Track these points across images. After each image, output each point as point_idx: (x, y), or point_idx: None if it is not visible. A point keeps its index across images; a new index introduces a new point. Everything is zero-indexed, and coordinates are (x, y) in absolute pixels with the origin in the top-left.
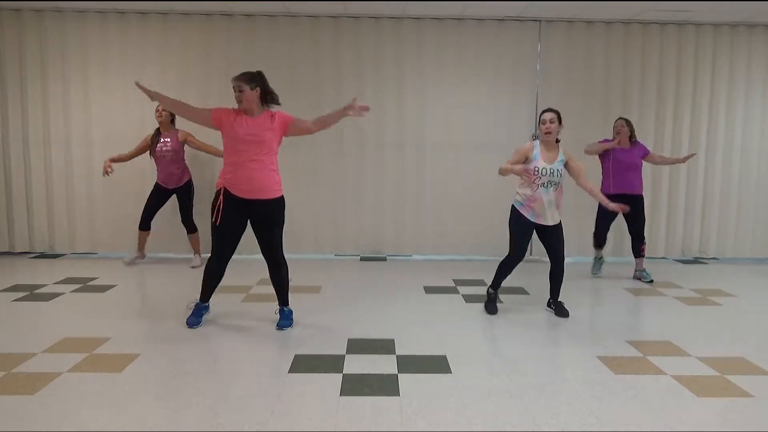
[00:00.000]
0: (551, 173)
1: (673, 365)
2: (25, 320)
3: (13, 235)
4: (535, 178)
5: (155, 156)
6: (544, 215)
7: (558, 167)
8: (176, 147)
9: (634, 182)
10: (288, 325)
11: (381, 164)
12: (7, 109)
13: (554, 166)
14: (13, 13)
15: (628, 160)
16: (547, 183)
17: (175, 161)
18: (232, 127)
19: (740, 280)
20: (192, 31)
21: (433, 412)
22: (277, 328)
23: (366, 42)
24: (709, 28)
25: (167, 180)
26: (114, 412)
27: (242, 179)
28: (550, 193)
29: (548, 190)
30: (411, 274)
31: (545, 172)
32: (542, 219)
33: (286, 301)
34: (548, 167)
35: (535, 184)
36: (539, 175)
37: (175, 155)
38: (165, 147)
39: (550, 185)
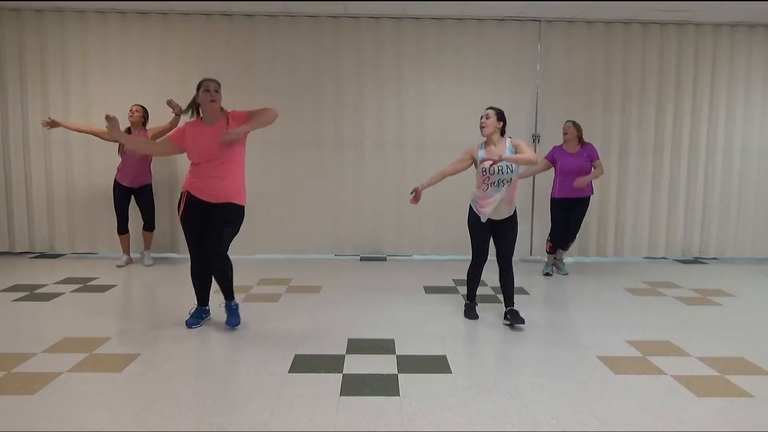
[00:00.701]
0: (500, 171)
1: (673, 365)
2: (25, 320)
3: (13, 235)
4: (484, 178)
5: (124, 154)
6: (493, 214)
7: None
8: None
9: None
10: (237, 323)
11: (381, 164)
12: (7, 109)
13: (502, 163)
14: (13, 13)
15: (573, 165)
16: (498, 182)
17: (143, 161)
18: (194, 140)
19: (740, 280)
20: (192, 31)
21: (433, 412)
22: (230, 326)
23: (366, 42)
24: (709, 28)
25: (131, 179)
26: (114, 412)
27: (206, 185)
28: (503, 192)
29: (500, 188)
30: (411, 274)
31: (493, 171)
32: (492, 216)
33: (231, 295)
34: (495, 166)
35: (485, 184)
36: (488, 174)
37: (143, 156)
38: None
39: (502, 183)
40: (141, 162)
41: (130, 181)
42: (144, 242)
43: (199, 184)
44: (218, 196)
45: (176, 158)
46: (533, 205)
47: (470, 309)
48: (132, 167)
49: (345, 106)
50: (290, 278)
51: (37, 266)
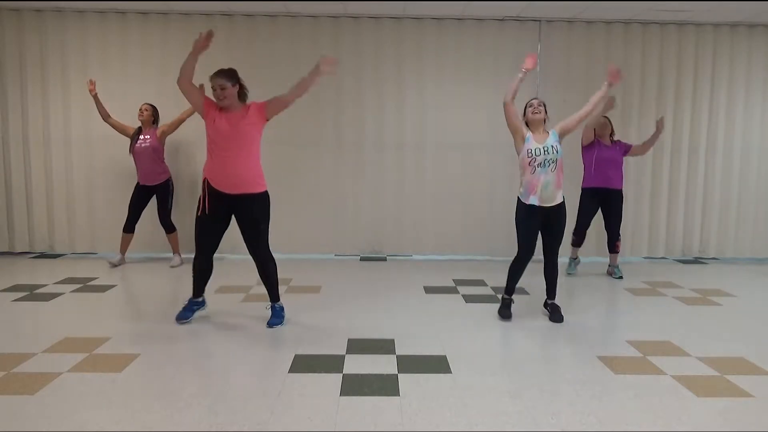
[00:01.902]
0: (545, 151)
1: (673, 365)
2: (25, 320)
3: (13, 235)
4: (530, 160)
5: (134, 153)
6: (543, 197)
7: (551, 143)
8: (155, 144)
9: (612, 177)
10: (279, 323)
11: (381, 164)
12: (7, 109)
13: (547, 143)
14: (13, 13)
15: (608, 156)
16: (544, 162)
17: (154, 158)
18: (214, 121)
19: (740, 280)
20: (192, 31)
21: (433, 412)
22: (268, 325)
23: (366, 42)
24: (709, 28)
25: (146, 177)
26: (114, 412)
27: (223, 173)
28: (548, 173)
29: (545, 169)
30: (411, 274)
31: (539, 152)
32: (543, 201)
33: (276, 297)
34: (540, 146)
35: (531, 166)
36: (533, 156)
37: (154, 152)
38: (144, 143)
39: (547, 164)
40: (152, 158)
41: (146, 180)
42: (171, 245)
43: (216, 169)
44: (236, 185)
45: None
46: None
47: (506, 307)
48: (144, 163)
49: (345, 106)
50: (290, 278)
51: (37, 266)
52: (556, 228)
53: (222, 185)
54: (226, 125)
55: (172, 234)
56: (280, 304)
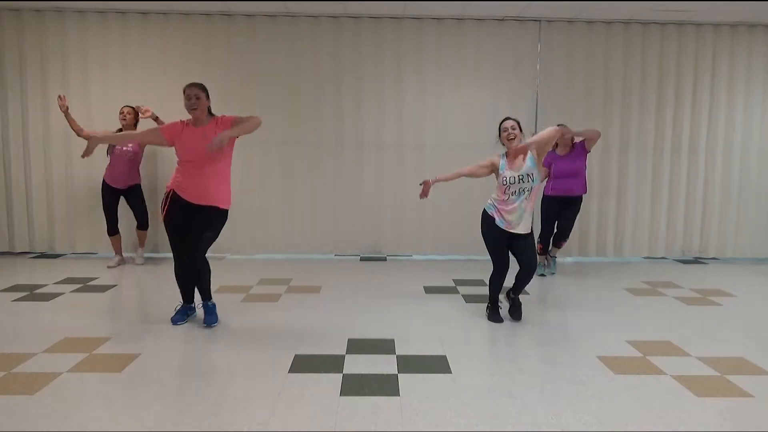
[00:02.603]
0: (521, 180)
1: (673, 365)
2: (25, 320)
3: (13, 235)
4: (504, 188)
5: (112, 154)
6: (512, 223)
7: (528, 171)
8: (136, 150)
9: (573, 186)
10: (215, 321)
11: (381, 164)
12: (7, 109)
13: (523, 171)
14: (13, 13)
15: (567, 167)
16: (519, 190)
17: (132, 165)
18: (182, 138)
19: (740, 280)
20: (192, 31)
21: (433, 412)
22: (205, 324)
23: (366, 42)
24: (709, 28)
25: (119, 180)
26: (114, 412)
27: (191, 185)
28: (523, 201)
29: (520, 198)
30: (411, 274)
31: (513, 180)
32: (511, 226)
33: (208, 295)
34: (516, 175)
35: (506, 194)
36: (508, 184)
37: (133, 157)
38: (125, 148)
39: (522, 192)
40: (130, 163)
41: (119, 183)
42: (138, 240)
43: (185, 184)
44: (203, 198)
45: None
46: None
47: (494, 313)
48: (121, 167)
49: (345, 106)
50: (290, 278)
51: (37, 266)
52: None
53: (190, 197)
54: (194, 140)
55: (144, 231)
56: (212, 302)
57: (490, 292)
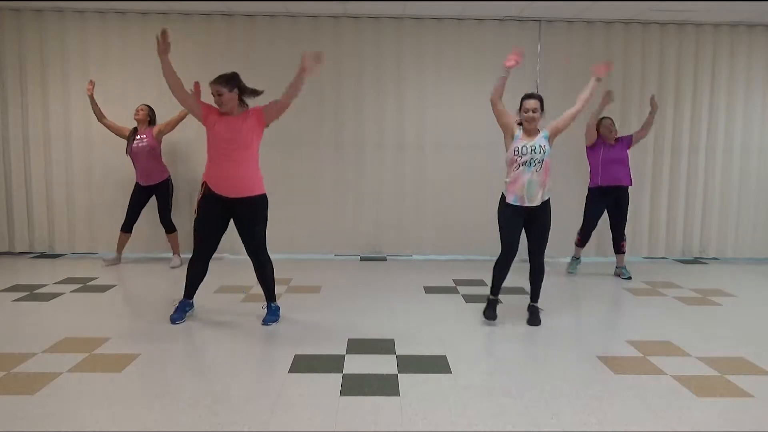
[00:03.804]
0: (532, 150)
1: (673, 365)
2: (25, 320)
3: (13, 235)
4: (516, 157)
5: (132, 153)
6: (525, 196)
7: (540, 143)
8: (152, 143)
9: (621, 176)
10: (274, 321)
11: (381, 164)
12: (7, 109)
13: (536, 142)
14: (13, 13)
15: (614, 156)
16: (529, 161)
17: (152, 157)
18: (215, 126)
19: (740, 280)
20: (192, 31)
21: (433, 412)
22: (263, 323)
23: (366, 42)
24: (709, 28)
25: (146, 177)
26: (114, 412)
27: (223, 177)
28: (532, 172)
29: (529, 168)
30: (411, 274)
31: (525, 151)
32: (524, 200)
33: (273, 297)
34: (528, 145)
35: (516, 163)
36: (520, 154)
37: (151, 151)
38: (141, 143)
39: (532, 163)
40: (150, 156)
41: (147, 178)
42: (171, 246)
43: (216, 176)
44: (235, 189)
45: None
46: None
47: (491, 308)
48: (143, 162)
49: (345, 106)
50: (290, 278)
51: (37, 266)
52: (539, 229)
53: (222, 189)
54: (225, 130)
55: (173, 234)
56: (276, 305)
57: (493, 282)
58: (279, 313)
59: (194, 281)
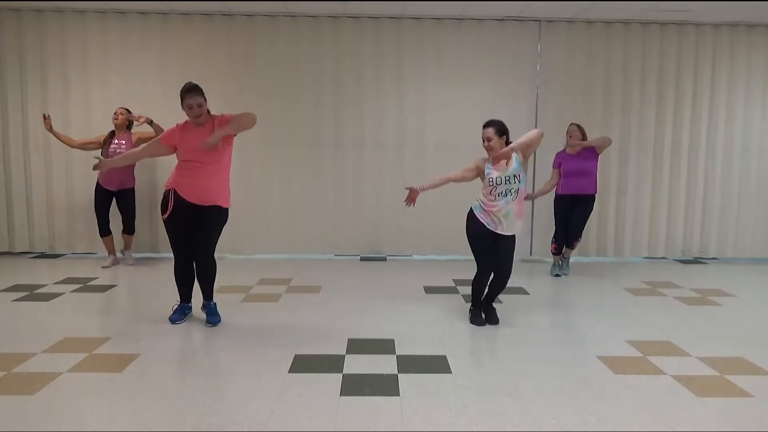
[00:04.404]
0: (507, 181)
1: (673, 365)
2: (25, 320)
3: (13, 235)
4: (491, 188)
5: (107, 157)
6: (500, 224)
7: (513, 172)
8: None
9: (583, 185)
10: (218, 321)
11: (381, 164)
12: (7, 109)
13: (509, 172)
14: (13, 13)
15: (577, 166)
16: (505, 191)
17: (128, 166)
18: (184, 139)
19: (740, 280)
20: (192, 31)
21: (433, 412)
22: (208, 324)
23: (366, 42)
24: (709, 28)
25: (116, 183)
26: (114, 412)
27: (191, 184)
28: (510, 202)
29: (506, 198)
30: (411, 274)
31: (500, 181)
32: (499, 228)
33: (211, 295)
34: (502, 176)
35: (493, 194)
36: (494, 184)
37: None
38: (119, 149)
39: (509, 193)
40: (125, 167)
41: (112, 185)
42: (125, 243)
43: (185, 184)
44: (204, 197)
45: (157, 164)
46: (533, 204)
47: (476, 316)
48: (116, 172)
49: (345, 106)
50: (290, 278)
51: (37, 266)
52: (506, 254)
53: (190, 196)
54: (193, 141)
55: (131, 236)
56: (214, 302)
57: (473, 295)
58: (217, 310)
59: (184, 284)
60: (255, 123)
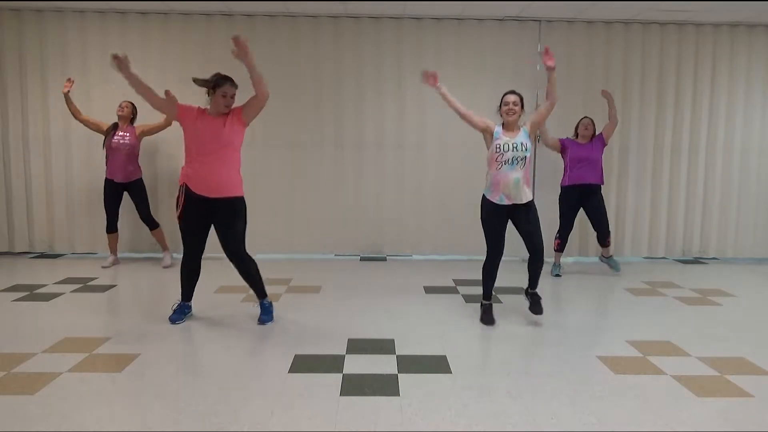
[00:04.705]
0: (515, 147)
1: (673, 365)
2: (25, 320)
3: (13, 235)
4: (497, 155)
5: (110, 148)
6: (512, 194)
7: (522, 140)
8: (133, 142)
9: (589, 175)
10: (269, 320)
11: (381, 164)
12: (7, 109)
13: (518, 139)
14: (13, 13)
15: (585, 154)
16: (512, 159)
17: (132, 156)
18: (195, 124)
19: (740, 280)
20: (192, 31)
21: (433, 412)
22: (259, 322)
23: (366, 42)
24: (709, 28)
25: (120, 174)
26: (114, 412)
27: (203, 178)
28: (517, 170)
29: (513, 166)
30: (411, 274)
31: (507, 148)
32: (513, 198)
33: (263, 293)
34: (510, 142)
35: (498, 161)
36: (502, 151)
37: (131, 150)
38: (123, 140)
39: (515, 161)
40: (128, 155)
41: (119, 176)
42: (157, 242)
43: (196, 175)
44: (216, 189)
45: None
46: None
47: (487, 312)
48: (119, 160)
49: (345, 106)
50: (290, 278)
51: (37, 266)
52: (531, 224)
53: (202, 189)
54: (207, 130)
55: (157, 230)
56: (269, 301)
57: (484, 285)
58: (273, 309)
59: (188, 282)
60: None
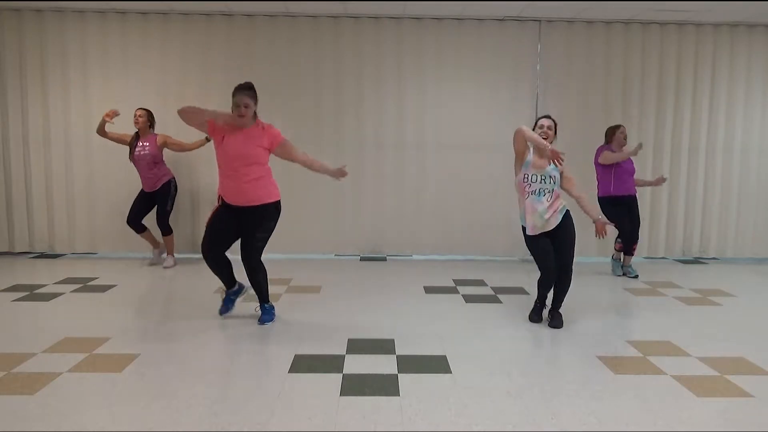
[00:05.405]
0: (542, 180)
1: (673, 365)
2: (25, 320)
3: (13, 235)
4: (524, 184)
5: (134, 160)
6: (538, 225)
7: (551, 173)
8: (154, 151)
9: (630, 185)
10: (270, 320)
11: (381, 164)
12: (7, 109)
13: (546, 172)
14: (13, 13)
15: (628, 166)
16: (539, 191)
17: (153, 165)
18: (224, 139)
19: (740, 280)
20: (192, 31)
21: (433, 412)
22: (259, 323)
23: (366, 42)
24: (709, 28)
25: (150, 184)
26: (114, 412)
27: (234, 190)
28: (543, 202)
29: (541, 198)
30: (411, 274)
31: (535, 179)
32: (543, 228)
33: (266, 299)
34: (538, 174)
35: (526, 192)
36: (529, 182)
37: (153, 159)
38: (143, 151)
39: (543, 193)
40: (151, 163)
41: (147, 186)
42: (166, 246)
43: (229, 189)
44: (248, 199)
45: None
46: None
47: (535, 312)
48: (144, 170)
49: (345, 106)
50: (290, 278)
51: (37, 266)
52: (564, 243)
53: (237, 200)
54: (235, 144)
55: (169, 236)
56: (271, 304)
57: (539, 292)
58: (274, 311)
59: (221, 271)
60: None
